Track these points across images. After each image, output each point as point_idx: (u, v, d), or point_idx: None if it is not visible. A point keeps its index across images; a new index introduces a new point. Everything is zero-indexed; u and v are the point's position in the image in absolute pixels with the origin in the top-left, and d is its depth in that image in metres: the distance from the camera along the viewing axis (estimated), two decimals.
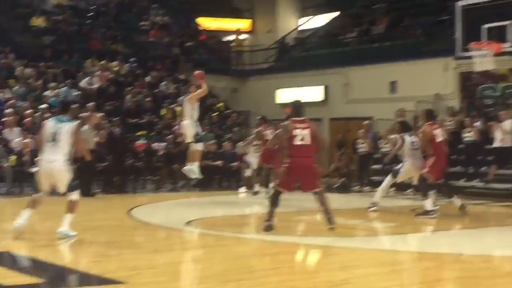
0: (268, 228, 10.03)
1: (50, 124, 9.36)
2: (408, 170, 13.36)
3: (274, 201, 10.14)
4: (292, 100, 10.92)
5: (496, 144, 17.11)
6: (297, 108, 10.36)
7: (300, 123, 10.02)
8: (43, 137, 9.34)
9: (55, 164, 9.13)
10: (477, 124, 18.28)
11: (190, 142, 14.39)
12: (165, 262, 8.05)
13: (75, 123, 9.45)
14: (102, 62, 24.30)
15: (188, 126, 14.32)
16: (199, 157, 14.66)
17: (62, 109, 9.82)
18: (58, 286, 6.72)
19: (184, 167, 14.69)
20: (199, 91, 14.05)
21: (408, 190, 17.81)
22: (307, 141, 9.93)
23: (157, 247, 9.11)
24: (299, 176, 10.03)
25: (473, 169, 17.98)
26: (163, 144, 19.84)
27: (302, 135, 9.94)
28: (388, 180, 13.56)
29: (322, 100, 25.77)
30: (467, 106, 20.77)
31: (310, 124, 10.12)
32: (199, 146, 14.49)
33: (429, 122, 12.69)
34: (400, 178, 13.66)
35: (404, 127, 13.88)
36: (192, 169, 14.45)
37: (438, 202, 12.95)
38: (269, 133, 15.41)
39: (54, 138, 9.15)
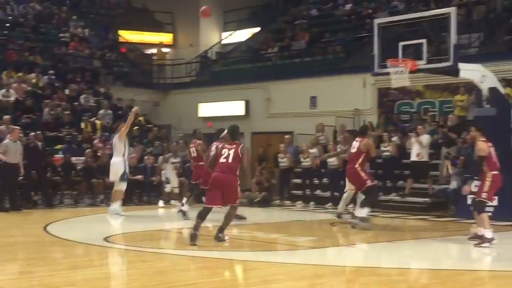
0: (193, 237, 10.25)
1: None
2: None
3: (202, 215, 10.61)
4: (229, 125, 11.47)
5: (413, 158, 17.53)
6: (232, 132, 11.14)
7: (230, 144, 10.79)
8: None
9: None
10: (395, 139, 18.71)
11: (115, 181, 14.45)
12: (83, 278, 7.89)
13: None
14: (19, 74, 23.75)
15: (118, 164, 14.34)
16: (122, 196, 14.74)
17: None
18: None
19: (109, 208, 14.84)
20: (126, 124, 14.25)
21: (328, 204, 18.08)
22: (230, 159, 10.57)
23: (75, 264, 8.93)
24: (220, 190, 10.42)
25: (390, 183, 18.35)
26: (82, 158, 19.49)
27: (228, 154, 10.62)
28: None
29: (244, 114, 25.89)
30: (384, 121, 21.24)
31: (238, 146, 10.65)
32: (123, 186, 14.53)
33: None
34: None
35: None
36: (116, 208, 14.47)
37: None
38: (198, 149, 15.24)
39: None
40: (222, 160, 10.63)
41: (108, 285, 7.53)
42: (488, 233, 10.96)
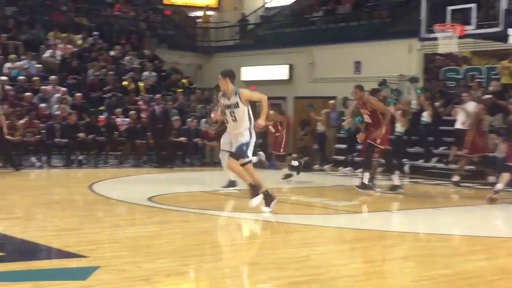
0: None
1: None
2: None
3: None
4: None
5: (458, 126, 17.26)
6: None
7: None
8: None
9: None
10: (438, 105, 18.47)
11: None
12: (127, 236, 8.02)
13: None
14: (64, 35, 23.94)
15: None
16: None
17: None
18: (18, 260, 6.64)
19: None
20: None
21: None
22: None
23: (118, 222, 9.08)
24: None
25: (433, 150, 18.17)
26: (127, 119, 19.66)
27: None
28: None
29: (287, 79, 25.78)
30: (429, 87, 20.94)
31: None
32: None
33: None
34: None
35: None
36: None
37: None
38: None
39: None
40: None
41: (151, 243, 7.62)
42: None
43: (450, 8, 14.51)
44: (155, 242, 7.73)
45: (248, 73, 27.04)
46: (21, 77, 20.20)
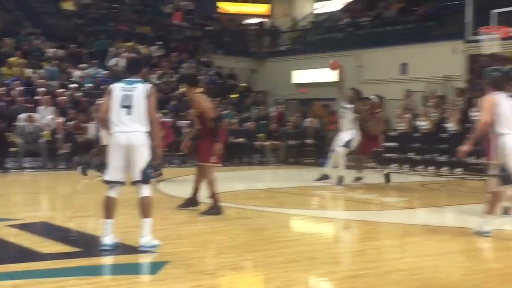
0: None
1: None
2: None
3: None
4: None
5: None
6: None
7: None
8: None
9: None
10: None
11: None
12: (190, 233, 8.09)
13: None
14: (129, 44, 24.28)
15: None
16: None
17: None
18: (94, 255, 6.76)
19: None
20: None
21: (420, 167, 17.80)
22: None
23: (182, 219, 9.14)
24: None
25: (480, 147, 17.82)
26: (187, 122, 19.79)
27: None
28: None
29: (336, 81, 25.60)
30: (474, 86, 20.59)
31: None
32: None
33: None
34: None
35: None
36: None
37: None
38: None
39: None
40: None
41: (215, 239, 7.68)
42: None
43: (495, 11, 14.23)
44: (217, 238, 7.79)
45: (299, 76, 27.02)
46: (89, 85, 20.59)
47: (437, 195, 12.70)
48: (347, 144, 13.31)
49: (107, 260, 6.61)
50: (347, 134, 13.35)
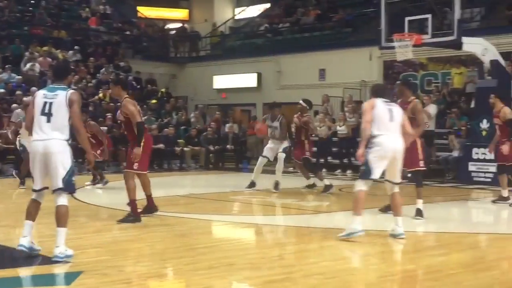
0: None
1: None
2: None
3: None
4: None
5: None
6: None
7: None
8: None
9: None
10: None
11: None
12: (107, 241, 7.97)
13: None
14: (45, 48, 23.73)
15: None
16: None
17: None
18: (3, 267, 6.55)
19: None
20: None
21: (338, 171, 18.12)
22: None
23: (99, 227, 8.99)
24: None
25: None
26: (105, 128, 19.49)
27: None
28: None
29: (256, 86, 25.86)
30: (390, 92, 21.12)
31: None
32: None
33: None
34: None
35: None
36: None
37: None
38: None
39: None
40: None
41: (133, 247, 7.59)
42: (506, 193, 11.43)
43: (407, 18, 14.64)
44: (135, 246, 7.69)
45: (220, 81, 27.08)
46: (1, 90, 19.98)
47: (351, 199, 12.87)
48: (285, 150, 13.41)
49: (20, 272, 6.42)
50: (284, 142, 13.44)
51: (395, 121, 8.00)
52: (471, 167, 15.23)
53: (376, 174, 7.88)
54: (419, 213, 9.80)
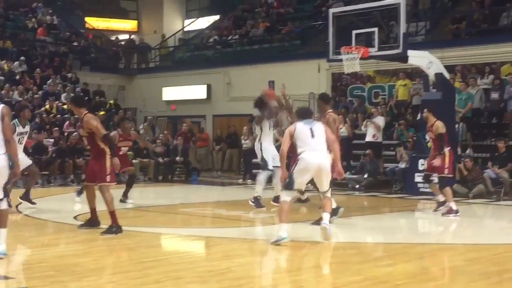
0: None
1: None
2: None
3: None
4: None
5: (368, 139, 17.71)
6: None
7: None
8: None
9: None
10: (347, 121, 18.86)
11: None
12: (53, 256, 7.81)
13: None
14: None
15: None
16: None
17: None
18: None
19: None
20: None
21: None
22: None
23: (45, 242, 8.83)
24: None
25: (345, 163, 18.47)
26: (51, 140, 19.21)
27: None
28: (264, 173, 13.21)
29: (205, 98, 25.83)
30: (338, 104, 21.36)
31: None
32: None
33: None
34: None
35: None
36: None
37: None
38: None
39: None
40: None
41: (78, 262, 7.45)
42: (454, 205, 11.55)
43: (354, 32, 14.82)
44: (81, 260, 7.56)
45: (169, 93, 26.98)
46: None
47: (300, 210, 12.92)
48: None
49: None
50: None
51: (316, 137, 8.62)
52: (417, 178, 15.46)
53: (297, 186, 8.67)
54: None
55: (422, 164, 15.56)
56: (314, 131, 8.66)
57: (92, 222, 9.62)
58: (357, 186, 17.07)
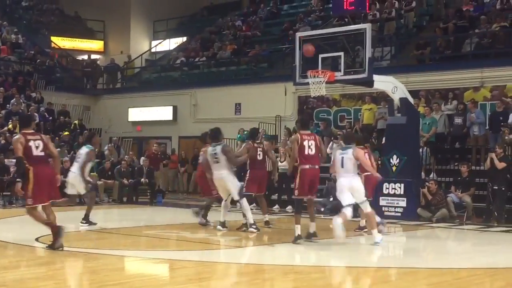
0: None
1: None
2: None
3: None
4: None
5: None
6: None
7: None
8: None
9: None
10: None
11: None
12: (14, 279, 7.65)
13: None
14: None
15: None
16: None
17: None
18: None
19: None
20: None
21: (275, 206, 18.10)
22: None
23: (4, 264, 8.64)
24: None
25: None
26: (14, 160, 18.87)
27: None
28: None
29: (171, 119, 25.78)
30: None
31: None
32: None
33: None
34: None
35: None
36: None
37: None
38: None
39: None
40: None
41: (39, 285, 7.31)
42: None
43: (321, 55, 14.93)
44: (42, 284, 7.41)
45: (135, 114, 26.87)
46: None
47: (271, 233, 12.88)
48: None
49: None
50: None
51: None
52: (382, 201, 15.57)
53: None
54: None
55: (386, 187, 15.68)
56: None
57: (56, 233, 9.42)
58: (322, 209, 17.06)
